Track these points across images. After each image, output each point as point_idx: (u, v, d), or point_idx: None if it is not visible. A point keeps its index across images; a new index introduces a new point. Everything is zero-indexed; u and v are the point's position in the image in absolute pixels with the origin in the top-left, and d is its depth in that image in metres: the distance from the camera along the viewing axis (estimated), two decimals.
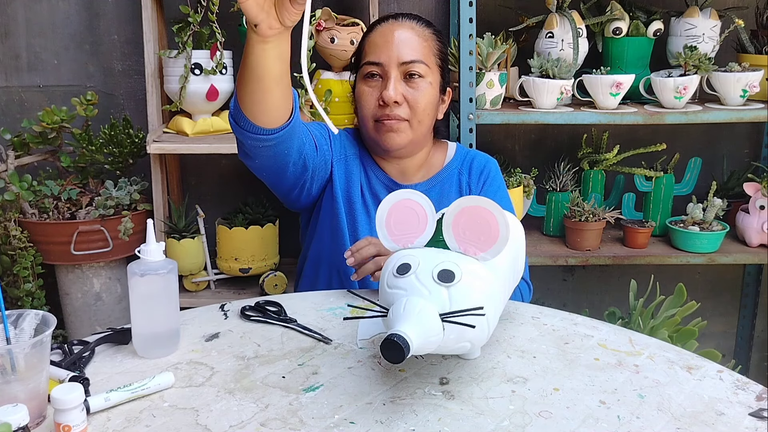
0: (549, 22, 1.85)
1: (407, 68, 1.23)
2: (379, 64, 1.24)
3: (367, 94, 1.25)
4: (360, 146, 1.37)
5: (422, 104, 1.25)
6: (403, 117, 1.24)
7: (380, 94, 1.23)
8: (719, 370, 0.91)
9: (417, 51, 1.24)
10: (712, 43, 1.85)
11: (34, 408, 0.76)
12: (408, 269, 0.81)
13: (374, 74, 1.25)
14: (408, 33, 1.25)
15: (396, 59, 1.23)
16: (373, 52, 1.25)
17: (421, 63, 1.24)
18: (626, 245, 1.92)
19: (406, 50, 1.23)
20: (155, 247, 0.93)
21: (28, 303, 1.77)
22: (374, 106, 1.25)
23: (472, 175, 1.36)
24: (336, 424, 0.78)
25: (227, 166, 2.10)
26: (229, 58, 1.85)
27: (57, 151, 1.88)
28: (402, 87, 1.23)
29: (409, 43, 1.24)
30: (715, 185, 1.94)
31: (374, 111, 1.25)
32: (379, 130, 1.26)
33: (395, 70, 1.23)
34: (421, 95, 1.24)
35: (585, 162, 1.99)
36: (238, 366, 0.92)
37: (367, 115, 1.27)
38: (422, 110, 1.25)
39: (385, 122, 1.24)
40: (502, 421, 0.78)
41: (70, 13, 1.99)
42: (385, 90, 1.22)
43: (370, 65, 1.25)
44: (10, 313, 0.81)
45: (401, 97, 1.23)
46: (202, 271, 1.93)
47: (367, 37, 1.29)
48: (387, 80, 1.23)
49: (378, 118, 1.25)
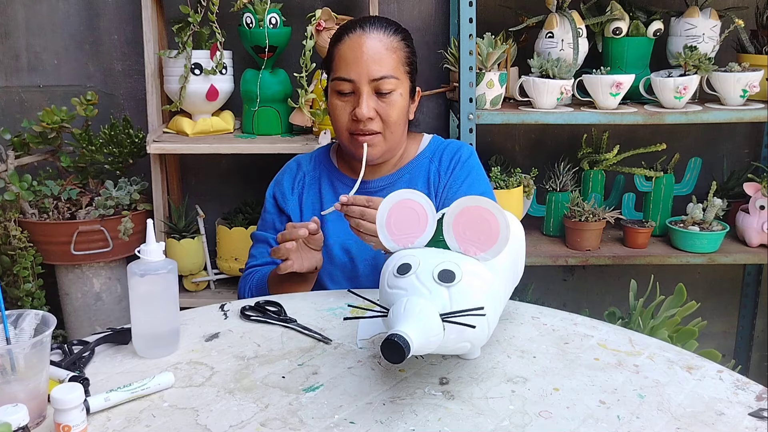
0: (549, 22, 1.85)
1: (378, 85, 1.24)
2: (350, 80, 1.25)
3: (340, 108, 1.27)
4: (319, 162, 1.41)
5: (394, 117, 1.27)
6: (376, 130, 1.26)
7: (353, 110, 1.25)
8: (719, 370, 0.91)
9: (387, 66, 1.25)
10: (712, 43, 1.85)
11: (34, 408, 0.76)
12: (408, 269, 0.81)
13: (345, 91, 1.26)
14: (377, 46, 1.25)
15: (366, 76, 1.24)
16: (343, 68, 1.26)
17: (391, 78, 1.25)
18: (626, 245, 1.92)
19: (375, 66, 1.24)
20: (155, 247, 0.93)
21: (28, 303, 1.77)
22: (347, 120, 1.27)
23: (443, 162, 1.36)
24: (336, 424, 0.78)
25: (227, 166, 2.10)
26: (229, 58, 1.85)
27: (57, 151, 1.88)
28: (374, 102, 1.25)
29: (378, 58, 1.24)
30: (715, 185, 1.94)
31: (348, 125, 1.27)
32: (353, 143, 1.28)
33: (366, 86, 1.24)
34: (392, 109, 1.26)
35: (585, 162, 1.99)
36: (238, 366, 0.92)
37: (341, 128, 1.29)
38: (394, 122, 1.27)
39: (359, 138, 1.26)
40: (502, 421, 0.78)
41: (70, 13, 1.99)
42: (357, 108, 1.24)
43: (341, 81, 1.26)
44: (10, 313, 0.81)
45: (374, 112, 1.25)
46: (202, 271, 1.94)
47: (336, 47, 1.29)
48: (359, 97, 1.25)
49: (352, 131, 1.27)
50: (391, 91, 1.25)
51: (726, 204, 1.90)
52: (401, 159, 1.38)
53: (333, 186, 1.38)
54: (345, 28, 1.30)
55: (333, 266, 1.33)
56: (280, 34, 1.79)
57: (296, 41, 1.82)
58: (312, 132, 1.86)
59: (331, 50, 1.31)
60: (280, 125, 1.86)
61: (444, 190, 1.33)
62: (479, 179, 1.35)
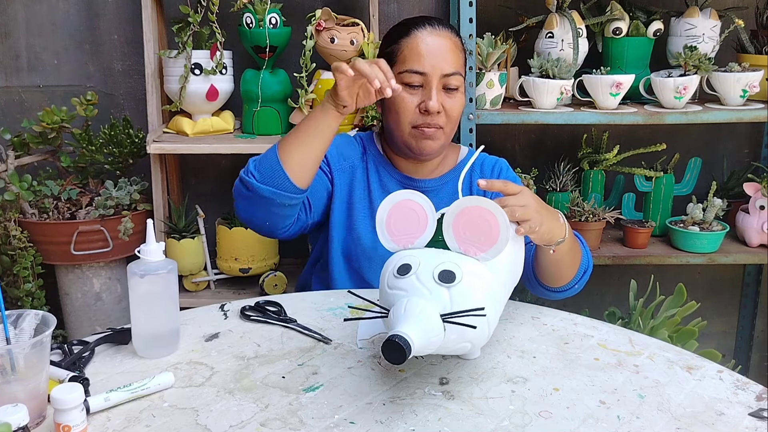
0: (549, 22, 1.85)
1: (447, 80, 1.26)
2: (423, 74, 1.26)
3: (408, 101, 1.27)
4: (368, 148, 1.39)
5: (457, 113, 1.30)
6: (440, 125, 1.28)
7: (420, 103, 1.26)
8: (719, 370, 0.91)
9: (456, 63, 1.28)
10: (712, 43, 1.85)
11: (34, 408, 0.76)
12: (408, 270, 0.81)
13: (414, 83, 1.27)
14: (448, 44, 1.28)
15: (439, 71, 1.26)
16: (416, 61, 1.26)
17: (458, 75, 1.28)
18: (626, 245, 1.92)
19: (447, 63, 1.26)
20: (155, 247, 0.93)
21: (28, 303, 1.77)
22: (414, 112, 1.28)
23: (485, 172, 1.38)
24: (336, 424, 0.78)
25: (227, 166, 2.10)
26: (229, 58, 1.85)
27: (57, 151, 1.88)
28: (442, 97, 1.27)
29: (449, 55, 1.27)
30: (715, 185, 1.94)
31: (413, 117, 1.28)
32: (416, 137, 1.29)
33: (438, 81, 1.26)
34: (457, 105, 1.29)
35: (585, 162, 1.99)
36: (238, 366, 0.92)
37: (404, 120, 1.29)
38: (455, 119, 1.30)
39: (425, 130, 1.27)
40: (502, 421, 0.78)
41: (70, 13, 1.99)
42: (429, 100, 1.25)
43: (412, 74, 1.26)
44: (10, 313, 0.81)
45: (441, 107, 1.27)
46: (202, 271, 1.93)
47: (404, 41, 1.29)
48: (429, 90, 1.26)
49: (417, 125, 1.28)
50: (457, 87, 1.28)
51: (726, 204, 1.90)
52: (444, 164, 1.39)
53: (379, 175, 1.37)
54: (412, 23, 1.31)
55: (377, 256, 1.32)
56: (280, 34, 1.79)
57: (296, 41, 1.82)
58: None
59: (393, 44, 1.31)
60: (280, 125, 1.86)
61: None
62: None
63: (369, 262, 1.33)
